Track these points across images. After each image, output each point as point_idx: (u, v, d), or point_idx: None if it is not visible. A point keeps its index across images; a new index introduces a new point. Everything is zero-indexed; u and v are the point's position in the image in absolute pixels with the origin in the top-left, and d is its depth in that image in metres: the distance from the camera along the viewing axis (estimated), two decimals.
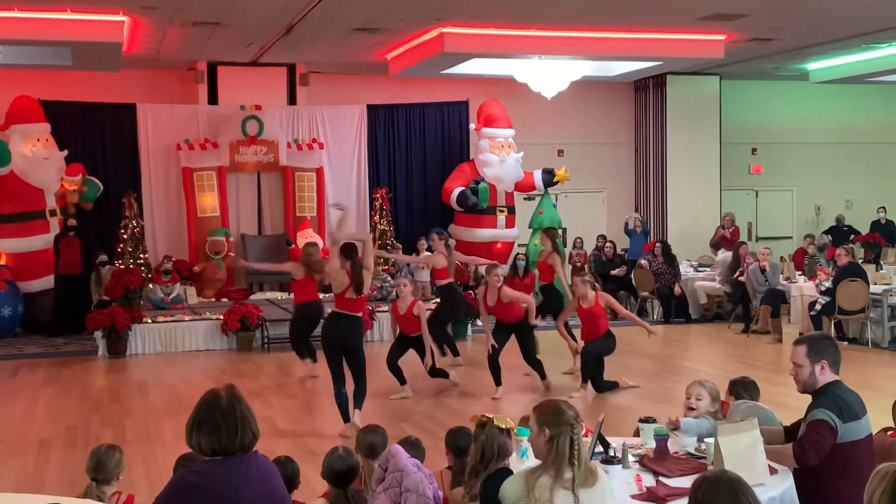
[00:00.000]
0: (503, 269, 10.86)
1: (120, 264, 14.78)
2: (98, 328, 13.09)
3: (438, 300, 12.69)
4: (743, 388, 5.62)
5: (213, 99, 16.69)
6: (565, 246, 17.71)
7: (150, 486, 6.69)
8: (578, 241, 18.06)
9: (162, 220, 16.39)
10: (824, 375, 4.60)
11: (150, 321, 13.59)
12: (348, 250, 8.65)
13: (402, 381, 10.30)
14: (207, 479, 3.38)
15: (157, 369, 12.20)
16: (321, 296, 11.39)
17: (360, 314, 8.91)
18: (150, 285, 14.75)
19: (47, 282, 14.95)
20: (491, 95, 17.20)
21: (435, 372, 10.32)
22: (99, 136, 16.17)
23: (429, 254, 13.69)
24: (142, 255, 15.12)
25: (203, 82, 16.62)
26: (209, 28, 13.40)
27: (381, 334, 14.16)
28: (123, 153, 16.21)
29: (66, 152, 15.30)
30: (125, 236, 15.04)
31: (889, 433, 4.86)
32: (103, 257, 15.09)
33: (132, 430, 9.02)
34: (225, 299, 15.13)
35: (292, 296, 12.58)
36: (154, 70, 16.63)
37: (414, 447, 4.80)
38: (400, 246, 16.22)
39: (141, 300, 14.30)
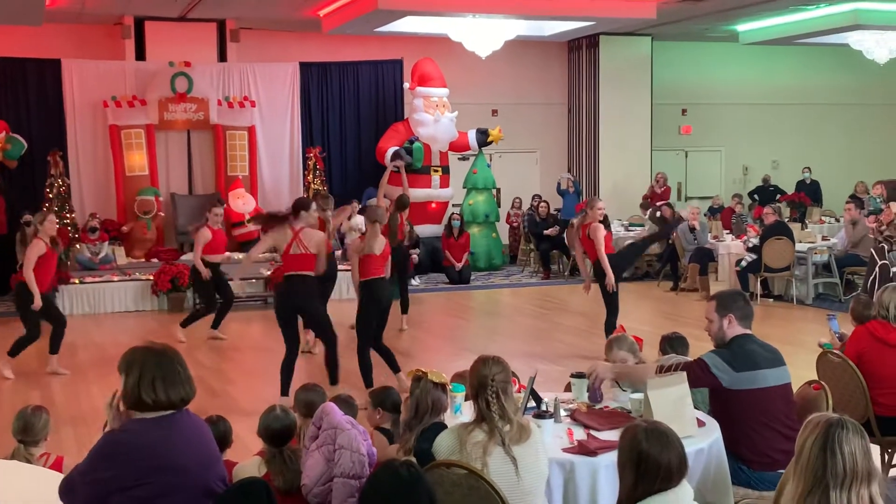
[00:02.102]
0: None
1: None
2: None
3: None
4: (674, 344, 5.73)
5: (140, 55, 16.30)
6: (499, 206, 17.83)
7: (80, 447, 6.60)
8: (517, 200, 18.17)
9: (89, 178, 16.03)
10: (732, 329, 4.74)
11: (77, 282, 13.34)
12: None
13: None
14: (138, 437, 3.34)
15: (86, 330, 12.00)
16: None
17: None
18: (78, 245, 14.46)
19: None
20: (425, 54, 17.09)
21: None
22: (23, 93, 15.70)
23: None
24: (68, 215, 14.80)
25: (130, 38, 16.21)
26: None
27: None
28: (48, 110, 15.78)
29: None
30: (51, 195, 14.69)
31: (813, 386, 5.00)
32: (28, 217, 14.72)
33: (60, 391, 8.89)
34: (155, 259, 14.90)
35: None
36: (79, 25, 16.18)
37: (346, 404, 4.79)
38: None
39: (68, 260, 14.02)
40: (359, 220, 15.44)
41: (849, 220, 13.52)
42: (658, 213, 16.02)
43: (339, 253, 14.52)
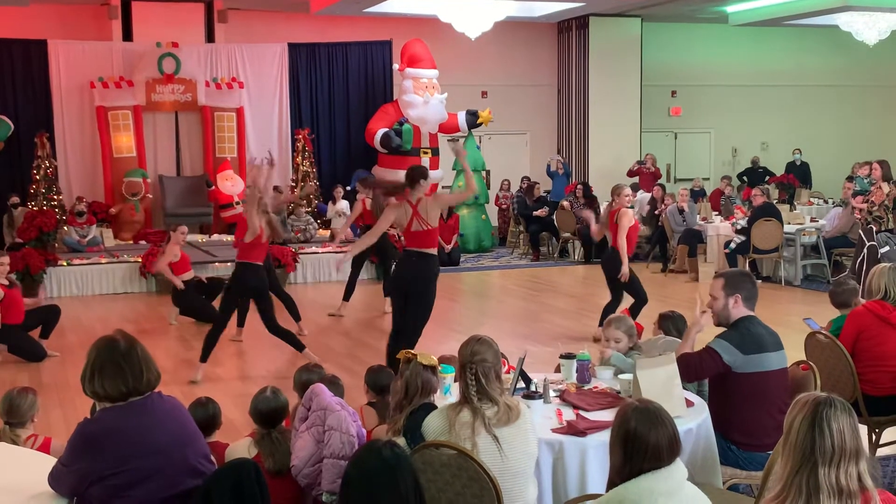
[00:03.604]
0: None
1: (33, 206, 14.39)
2: (11, 271, 12.73)
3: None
4: (671, 322, 5.74)
5: (127, 36, 16.20)
6: (489, 188, 17.81)
7: (68, 429, 6.55)
8: (506, 182, 18.16)
9: (76, 160, 15.96)
10: (737, 309, 4.74)
11: (65, 264, 13.28)
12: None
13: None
14: (109, 426, 3.35)
15: (74, 312, 11.94)
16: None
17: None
18: (65, 227, 14.39)
19: None
20: (415, 35, 17.01)
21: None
22: (9, 74, 15.61)
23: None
24: (56, 197, 14.73)
25: (117, 18, 16.10)
26: None
27: (304, 277, 14.09)
28: (35, 91, 15.69)
29: None
30: (38, 177, 14.62)
31: (801, 366, 5.01)
32: (15, 199, 14.68)
33: (48, 373, 8.86)
34: (143, 242, 14.85)
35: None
36: (66, 5, 16.06)
37: (332, 385, 4.79)
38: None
39: (56, 243, 13.96)
40: (344, 205, 15.44)
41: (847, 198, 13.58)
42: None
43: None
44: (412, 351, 4.35)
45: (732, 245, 13.31)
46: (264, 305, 8.79)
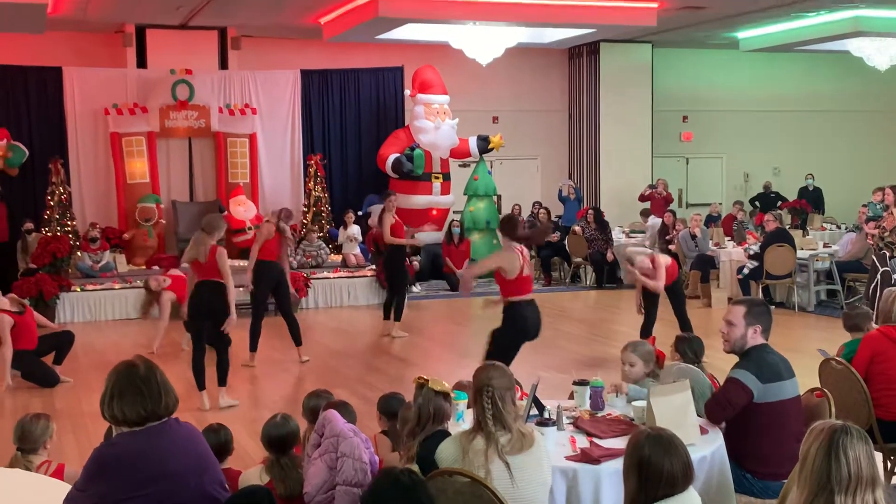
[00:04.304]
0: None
1: (47, 231, 14.46)
2: (25, 297, 12.79)
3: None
4: (688, 344, 5.70)
5: (141, 63, 16.32)
6: (500, 213, 17.82)
7: (82, 455, 6.57)
8: (517, 207, 18.16)
9: (90, 186, 16.05)
10: (755, 339, 4.72)
11: (78, 289, 13.33)
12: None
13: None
14: (126, 452, 3.35)
15: (87, 338, 11.98)
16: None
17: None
18: (79, 253, 14.45)
19: None
20: (426, 62, 17.10)
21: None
22: (24, 101, 15.72)
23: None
24: (69, 223, 14.80)
25: (131, 45, 16.23)
26: None
27: (315, 302, 14.11)
28: (49, 118, 15.80)
29: None
30: (52, 203, 14.70)
31: (815, 393, 4.99)
32: (29, 224, 14.75)
33: (62, 399, 8.88)
34: (156, 267, 14.88)
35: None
36: (81, 32, 16.19)
37: (343, 409, 4.78)
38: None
39: (69, 268, 14.01)
40: (355, 230, 15.49)
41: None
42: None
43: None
44: (424, 376, 4.35)
45: (745, 271, 13.27)
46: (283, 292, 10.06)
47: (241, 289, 11.30)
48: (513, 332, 7.62)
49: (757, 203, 19.42)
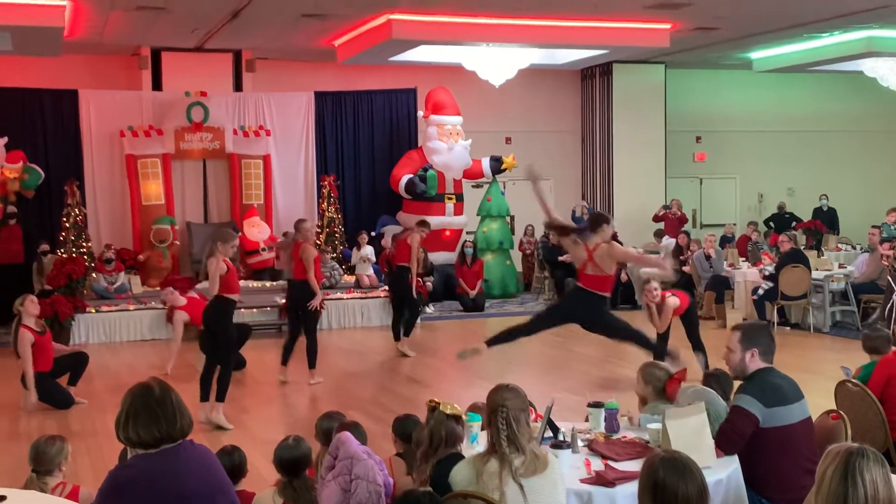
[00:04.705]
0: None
1: (62, 253, 14.53)
2: (41, 318, 12.83)
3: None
4: (715, 381, 5.61)
5: (157, 85, 16.44)
6: (513, 233, 17.83)
7: (96, 476, 6.59)
8: (530, 228, 18.17)
9: (105, 208, 16.14)
10: (754, 363, 4.69)
11: (93, 311, 13.39)
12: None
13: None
14: (141, 474, 3.35)
15: (102, 359, 12.02)
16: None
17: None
18: (94, 274, 14.52)
19: None
20: (439, 83, 17.17)
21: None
22: (40, 123, 15.86)
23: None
24: (85, 244, 14.88)
25: (147, 68, 16.36)
26: (153, 13, 13.19)
27: (329, 323, 14.12)
28: (65, 140, 15.93)
29: (6, 139, 14.99)
30: (67, 225, 14.79)
31: (831, 415, 4.95)
32: (45, 246, 14.83)
33: (76, 420, 8.90)
34: (170, 288, 14.92)
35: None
36: (97, 55, 16.33)
37: (354, 430, 4.78)
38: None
39: (84, 289, 14.07)
40: (368, 251, 15.52)
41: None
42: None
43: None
44: (437, 399, 4.35)
45: (760, 291, 13.21)
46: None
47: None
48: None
49: (771, 224, 19.36)
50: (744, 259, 15.36)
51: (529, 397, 4.22)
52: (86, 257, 14.58)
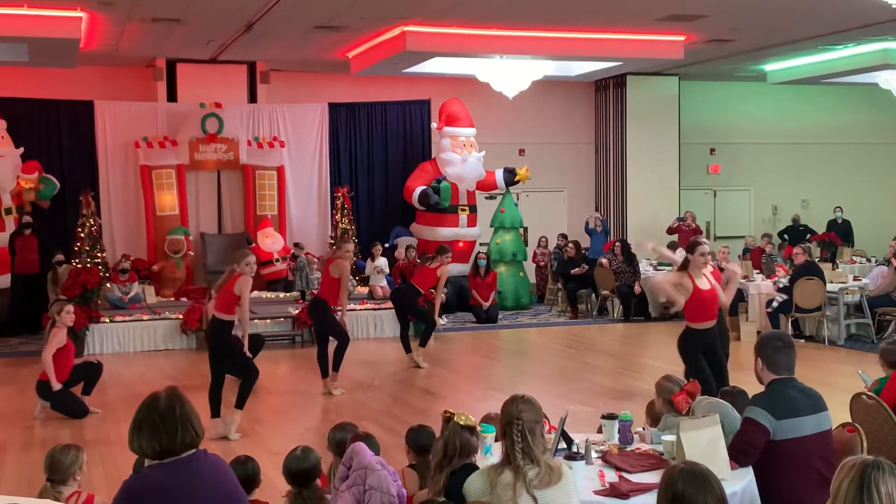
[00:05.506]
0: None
1: (77, 263, 14.59)
2: None
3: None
4: (732, 398, 5.58)
5: (172, 96, 16.53)
6: (527, 245, 17.82)
7: (110, 486, 6.61)
8: (543, 240, 18.16)
9: (120, 218, 16.22)
10: (764, 373, 4.73)
11: (108, 321, 13.43)
12: None
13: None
14: (155, 484, 3.35)
15: (116, 369, 12.05)
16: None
17: None
18: (108, 284, 14.57)
19: (3, 281, 14.72)
20: (453, 94, 17.21)
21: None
22: (56, 134, 15.97)
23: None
24: (99, 254, 14.93)
25: (162, 79, 16.45)
26: (168, 25, 13.28)
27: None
28: (81, 151, 16.03)
29: (22, 150, 15.11)
30: (82, 235, 14.85)
31: (847, 428, 4.93)
32: (60, 256, 14.89)
33: (91, 430, 8.92)
34: (184, 298, 14.98)
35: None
36: (112, 67, 16.44)
37: (367, 441, 4.78)
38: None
39: (99, 299, 14.12)
40: (382, 262, 15.53)
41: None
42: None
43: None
44: (451, 410, 4.34)
45: (775, 304, 13.17)
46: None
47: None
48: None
49: (786, 236, 19.31)
50: (758, 271, 15.31)
51: (543, 409, 4.21)
52: (100, 267, 14.64)
